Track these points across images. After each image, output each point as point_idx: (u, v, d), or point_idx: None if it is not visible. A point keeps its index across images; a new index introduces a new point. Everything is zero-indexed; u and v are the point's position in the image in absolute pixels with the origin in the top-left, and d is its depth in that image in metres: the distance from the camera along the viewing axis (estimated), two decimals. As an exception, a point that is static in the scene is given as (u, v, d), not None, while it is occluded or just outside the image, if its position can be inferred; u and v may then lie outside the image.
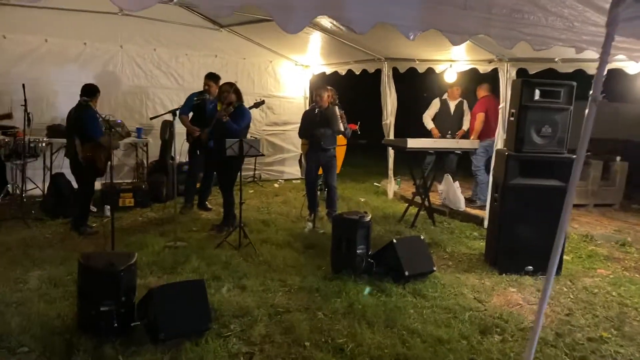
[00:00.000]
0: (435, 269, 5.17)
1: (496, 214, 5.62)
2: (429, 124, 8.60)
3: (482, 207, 7.77)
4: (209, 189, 7.69)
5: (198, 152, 7.35)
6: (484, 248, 6.07)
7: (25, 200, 7.01)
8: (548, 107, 5.33)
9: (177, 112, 5.92)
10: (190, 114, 7.31)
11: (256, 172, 9.94)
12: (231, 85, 6.31)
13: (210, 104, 7.03)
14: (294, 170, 10.38)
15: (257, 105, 6.40)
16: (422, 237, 5.33)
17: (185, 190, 7.71)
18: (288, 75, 10.24)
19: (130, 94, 8.65)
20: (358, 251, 4.96)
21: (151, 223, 6.89)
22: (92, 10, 7.94)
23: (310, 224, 6.78)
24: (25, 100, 6.37)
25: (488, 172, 8.25)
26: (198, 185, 7.73)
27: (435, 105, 8.67)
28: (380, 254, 5.10)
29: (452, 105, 8.56)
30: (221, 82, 6.99)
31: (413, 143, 6.68)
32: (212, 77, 7.27)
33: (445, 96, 8.62)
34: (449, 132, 8.30)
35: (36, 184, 7.43)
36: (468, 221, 7.52)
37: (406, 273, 4.85)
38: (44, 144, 6.95)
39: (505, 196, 5.44)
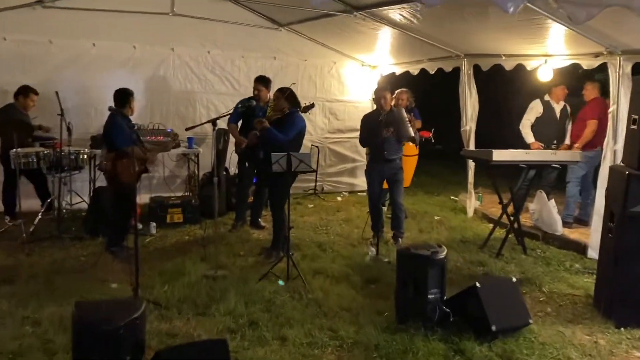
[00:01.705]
0: (531, 321, 4.02)
1: (611, 249, 4.35)
2: (528, 136, 7.06)
3: (569, 225, 6.72)
4: (262, 205, 6.88)
5: (247, 164, 6.57)
6: (592, 288, 4.84)
7: (66, 216, 6.53)
8: (685, 111, 4.04)
9: (217, 122, 5.11)
10: (240, 122, 6.57)
11: (318, 183, 9.05)
12: (282, 92, 5.47)
13: (260, 111, 6.22)
14: (359, 182, 9.37)
15: (306, 109, 5.53)
16: (514, 279, 4.17)
17: (236, 206, 6.97)
18: (353, 77, 9.27)
19: (182, 101, 8.02)
20: (429, 297, 3.91)
21: (196, 243, 6.15)
22: (141, 11, 7.39)
23: (373, 250, 5.78)
24: (61, 109, 5.86)
25: (595, 185, 6.95)
26: (251, 199, 6.97)
27: (535, 109, 7.13)
28: (459, 300, 4.02)
29: (557, 109, 7.11)
30: (278, 86, 6.15)
31: (500, 155, 5.49)
32: (261, 81, 6.48)
33: (547, 97, 7.16)
34: (554, 142, 6.90)
35: (82, 198, 6.97)
36: (567, 248, 6.22)
37: (493, 327, 3.75)
38: (85, 156, 6.42)
39: (624, 227, 4.18)
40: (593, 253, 5.87)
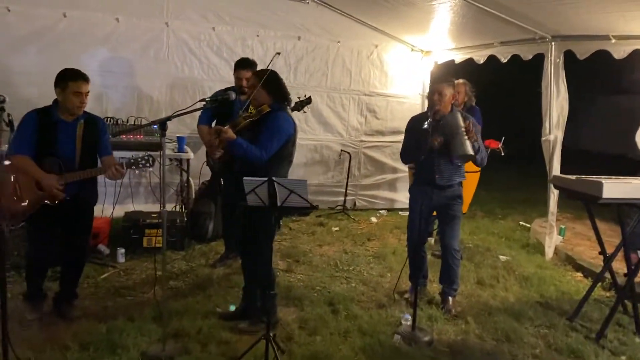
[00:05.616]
0: None
1: None
2: None
3: None
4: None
5: (222, 180, 4.88)
6: None
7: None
8: None
9: (167, 125, 3.36)
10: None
11: (349, 198, 7.21)
12: (259, 76, 3.57)
13: (241, 107, 4.47)
14: (401, 197, 7.48)
15: (299, 105, 3.73)
16: None
17: (223, 233, 5.28)
18: (400, 65, 7.33)
19: (178, 89, 6.33)
20: None
21: (164, 285, 4.49)
22: (128, -26, 5.81)
23: (408, 318, 3.88)
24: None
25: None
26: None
27: None
28: None
29: None
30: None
31: (612, 190, 3.48)
32: (244, 65, 4.74)
33: None
34: None
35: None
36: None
37: None
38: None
39: None
40: None
